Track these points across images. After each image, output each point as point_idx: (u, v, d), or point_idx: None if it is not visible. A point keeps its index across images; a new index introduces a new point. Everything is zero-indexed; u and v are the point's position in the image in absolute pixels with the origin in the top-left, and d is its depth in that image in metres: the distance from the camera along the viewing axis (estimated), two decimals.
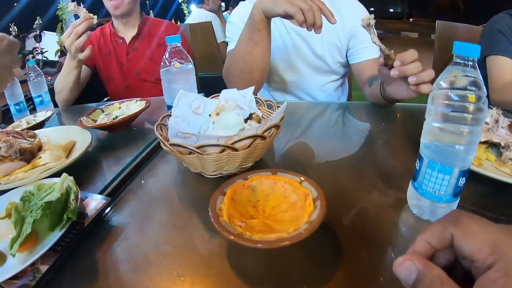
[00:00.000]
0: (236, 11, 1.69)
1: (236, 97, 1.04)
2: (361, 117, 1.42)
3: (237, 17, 1.65)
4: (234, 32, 1.61)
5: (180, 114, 0.99)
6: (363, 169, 0.95)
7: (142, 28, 2.08)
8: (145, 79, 2.11)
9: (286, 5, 1.15)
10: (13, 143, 1.08)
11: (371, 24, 1.01)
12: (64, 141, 1.19)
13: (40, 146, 1.17)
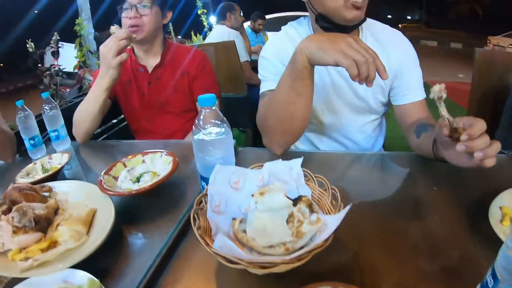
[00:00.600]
0: (270, 45, 1.54)
1: (282, 169, 0.92)
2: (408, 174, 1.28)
3: (271, 53, 1.49)
4: (269, 70, 1.47)
5: (217, 191, 0.86)
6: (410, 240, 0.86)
7: (165, 56, 1.95)
8: (168, 110, 1.98)
9: (339, 56, 1.01)
10: (26, 211, 0.96)
11: (442, 96, 0.89)
12: (83, 201, 1.08)
13: (56, 209, 1.06)
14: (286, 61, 1.40)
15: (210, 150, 0.94)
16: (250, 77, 4.01)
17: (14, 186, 1.12)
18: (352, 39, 1.03)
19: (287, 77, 1.21)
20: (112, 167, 1.22)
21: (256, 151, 1.48)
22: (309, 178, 0.95)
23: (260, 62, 1.54)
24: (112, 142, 1.80)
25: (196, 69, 1.95)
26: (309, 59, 1.11)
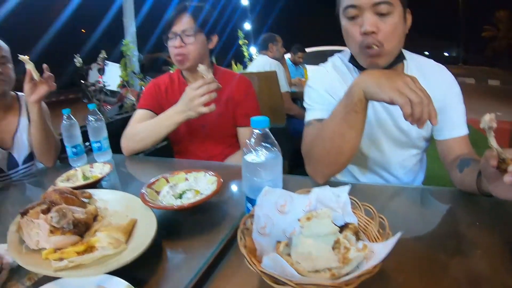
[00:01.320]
0: (316, 75, 1.53)
1: (329, 196, 0.89)
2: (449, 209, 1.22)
3: (318, 83, 1.48)
4: (315, 100, 1.46)
5: (264, 213, 0.84)
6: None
7: None
8: (210, 134, 1.98)
9: (394, 93, 1.01)
10: (66, 213, 0.96)
11: (492, 126, 0.86)
12: (123, 211, 1.08)
13: (95, 215, 1.05)
14: (332, 92, 1.41)
15: (259, 171, 0.93)
16: (289, 108, 4.02)
17: (55, 188, 1.13)
18: (410, 78, 1.03)
19: (340, 109, 1.20)
20: (155, 182, 1.21)
21: (297, 179, 1.44)
22: (356, 206, 0.92)
23: (306, 91, 1.53)
24: (152, 159, 1.80)
25: (240, 95, 1.96)
26: (365, 93, 1.10)
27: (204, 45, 1.91)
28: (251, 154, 0.94)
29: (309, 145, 1.35)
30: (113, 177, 1.54)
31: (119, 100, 3.99)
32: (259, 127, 0.93)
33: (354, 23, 1.24)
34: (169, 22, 1.86)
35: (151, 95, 1.97)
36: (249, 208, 0.97)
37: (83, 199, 1.13)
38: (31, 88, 1.69)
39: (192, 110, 1.59)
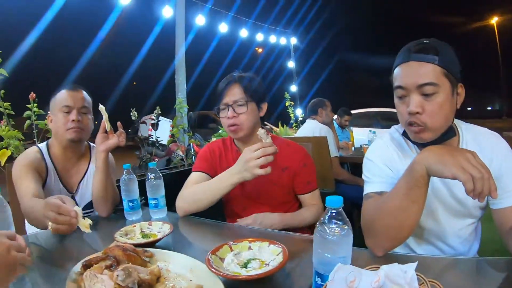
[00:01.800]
0: (375, 148, 1.54)
1: (397, 272, 0.87)
2: (506, 280, 1.14)
3: (377, 155, 1.49)
4: (374, 173, 1.46)
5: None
6: None
7: None
8: (264, 202, 1.93)
9: (457, 170, 1.04)
10: (132, 272, 0.97)
11: None
12: (186, 275, 1.09)
13: (158, 276, 1.06)
14: (390, 165, 1.42)
15: (332, 248, 0.93)
16: (338, 173, 3.99)
17: (118, 244, 1.15)
18: (470, 153, 1.07)
19: (402, 185, 1.21)
20: (219, 248, 1.21)
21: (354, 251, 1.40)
22: (422, 282, 0.90)
23: (365, 163, 1.54)
24: (207, 221, 1.78)
25: (298, 165, 1.93)
26: (428, 170, 1.13)
27: (256, 113, 1.92)
28: (325, 231, 0.94)
29: (370, 219, 1.34)
30: (168, 237, 1.53)
31: (168, 154, 4.08)
32: (334, 206, 0.94)
33: (402, 102, 1.32)
34: (220, 94, 1.90)
35: (206, 159, 1.99)
36: (317, 282, 0.97)
37: (144, 258, 1.14)
38: (102, 138, 1.85)
39: (248, 171, 1.58)
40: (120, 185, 1.80)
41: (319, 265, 0.96)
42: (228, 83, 1.89)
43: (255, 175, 1.58)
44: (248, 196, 1.94)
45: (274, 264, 1.12)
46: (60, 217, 1.33)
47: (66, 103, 1.92)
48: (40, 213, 1.42)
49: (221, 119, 1.91)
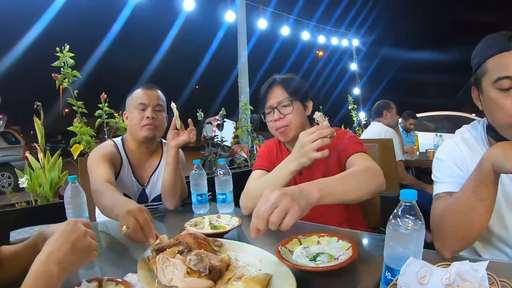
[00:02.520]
0: (446, 148, 1.47)
1: (467, 270, 0.85)
2: None
3: (447, 155, 1.43)
4: (444, 173, 1.40)
5: (406, 282, 0.83)
6: None
7: None
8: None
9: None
10: (203, 258, 0.99)
11: None
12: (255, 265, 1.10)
13: (228, 264, 1.07)
14: (461, 164, 1.36)
15: (404, 242, 0.92)
16: (403, 177, 3.89)
17: (190, 232, 1.18)
18: None
19: (470, 182, 1.16)
20: (288, 241, 1.22)
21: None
22: (493, 282, 0.87)
23: (435, 164, 1.48)
24: None
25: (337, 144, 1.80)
26: (493, 166, 1.07)
27: (302, 112, 1.88)
28: (398, 225, 0.93)
29: (438, 219, 1.29)
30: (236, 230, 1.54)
31: (230, 155, 4.15)
32: (408, 199, 0.92)
33: (507, 94, 1.19)
34: (263, 97, 1.89)
35: (266, 157, 1.99)
36: (386, 277, 0.95)
37: (214, 247, 1.16)
38: (173, 134, 1.91)
39: (305, 156, 1.52)
40: (190, 179, 1.85)
41: (390, 259, 0.95)
42: (270, 85, 1.88)
43: (312, 159, 1.52)
44: None
45: (343, 258, 1.12)
46: (138, 235, 1.25)
47: (142, 100, 2.01)
48: (118, 210, 1.40)
49: (268, 124, 1.89)
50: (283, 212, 1.03)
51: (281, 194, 1.06)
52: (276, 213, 1.02)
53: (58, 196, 2.86)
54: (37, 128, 2.91)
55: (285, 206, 1.04)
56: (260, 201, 1.07)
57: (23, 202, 2.73)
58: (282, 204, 1.04)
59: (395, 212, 0.94)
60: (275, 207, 1.03)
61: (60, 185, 2.87)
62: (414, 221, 0.91)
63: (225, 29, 6.54)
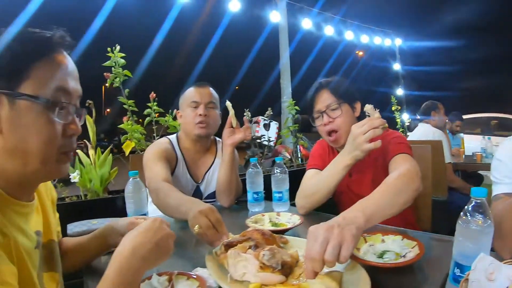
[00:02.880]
0: (505, 148, 1.45)
1: None
2: None
3: (507, 156, 1.40)
4: (505, 174, 1.37)
5: (476, 278, 0.83)
6: None
7: None
8: None
9: None
10: (276, 254, 1.01)
11: None
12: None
13: (297, 260, 1.08)
14: None
15: (474, 238, 0.93)
16: (452, 180, 3.78)
17: (257, 228, 1.19)
18: None
19: None
20: None
21: None
22: None
23: (494, 164, 1.45)
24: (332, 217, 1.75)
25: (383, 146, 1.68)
26: None
27: (351, 114, 1.86)
28: (470, 222, 0.94)
29: (498, 220, 1.25)
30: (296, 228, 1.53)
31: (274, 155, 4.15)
32: (479, 196, 0.94)
33: None
34: (310, 102, 1.89)
35: (319, 156, 1.98)
36: (455, 273, 0.96)
37: (280, 244, 1.17)
38: (229, 132, 1.95)
39: (358, 148, 1.51)
40: (246, 177, 1.87)
41: (460, 256, 0.96)
42: (316, 90, 1.88)
43: (365, 151, 1.51)
44: (350, 197, 1.87)
45: (410, 256, 1.12)
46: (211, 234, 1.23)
47: (194, 98, 2.04)
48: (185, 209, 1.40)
49: (318, 128, 1.89)
50: (337, 247, 0.93)
51: (328, 228, 0.97)
52: (330, 250, 0.92)
53: (107, 191, 2.93)
54: (89, 126, 2.98)
55: (337, 239, 0.94)
56: (307, 241, 0.97)
57: (73, 196, 2.81)
58: (333, 239, 0.94)
59: (466, 208, 0.95)
60: (326, 244, 0.93)
61: (110, 181, 2.94)
62: (484, 218, 0.92)
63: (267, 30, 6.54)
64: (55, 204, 1.16)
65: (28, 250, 0.85)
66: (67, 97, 0.88)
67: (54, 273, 1.03)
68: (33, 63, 0.82)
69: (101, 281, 0.82)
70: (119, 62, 3.10)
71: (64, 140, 0.88)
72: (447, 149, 3.80)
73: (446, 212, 3.18)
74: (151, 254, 0.90)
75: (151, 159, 1.93)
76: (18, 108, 0.80)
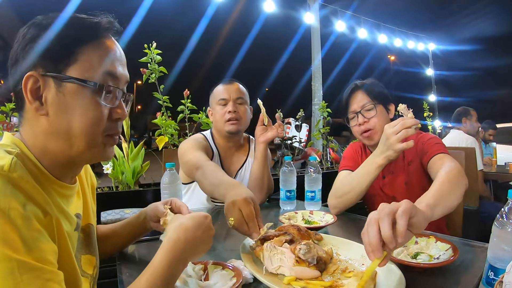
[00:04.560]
0: None
1: None
2: None
3: None
4: None
5: (509, 281, 0.81)
6: None
7: None
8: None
9: None
10: (312, 249, 1.03)
11: None
12: (357, 259, 1.12)
13: (331, 257, 1.10)
14: None
15: (510, 241, 0.91)
16: (483, 189, 3.71)
17: (293, 224, 1.21)
18: None
19: None
20: None
21: None
22: None
23: None
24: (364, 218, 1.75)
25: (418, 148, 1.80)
26: None
27: (386, 115, 1.88)
28: (507, 224, 0.91)
29: None
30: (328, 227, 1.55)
31: (303, 157, 4.15)
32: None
33: None
34: (346, 103, 1.92)
35: (352, 157, 2.00)
36: (489, 276, 0.95)
37: (314, 241, 1.18)
38: (261, 130, 1.96)
39: (390, 148, 1.52)
40: (280, 175, 1.89)
41: (494, 259, 0.95)
42: (351, 91, 1.91)
43: (398, 151, 1.52)
44: (383, 199, 1.88)
45: (444, 258, 1.12)
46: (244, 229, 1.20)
47: (222, 96, 2.07)
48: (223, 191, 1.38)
49: (352, 128, 1.91)
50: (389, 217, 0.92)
51: (378, 210, 0.98)
52: (384, 225, 0.91)
53: (138, 184, 2.98)
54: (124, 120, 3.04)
55: (387, 210, 0.94)
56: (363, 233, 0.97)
57: (105, 187, 2.87)
58: (383, 214, 0.94)
59: (502, 210, 0.93)
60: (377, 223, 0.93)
61: (141, 174, 2.99)
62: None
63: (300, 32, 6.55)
64: (95, 191, 1.20)
65: (68, 231, 0.88)
66: (115, 81, 0.91)
67: (92, 256, 1.06)
68: (81, 47, 0.85)
69: (150, 267, 0.84)
70: (155, 59, 3.16)
71: (110, 124, 0.90)
72: (479, 157, 3.73)
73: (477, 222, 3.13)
74: (198, 248, 0.95)
75: (189, 148, 1.94)
76: (65, 91, 0.83)
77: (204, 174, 1.67)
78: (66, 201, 0.91)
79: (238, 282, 0.95)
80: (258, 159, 1.95)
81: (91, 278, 1.02)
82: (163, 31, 18.86)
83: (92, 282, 1.03)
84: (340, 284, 0.96)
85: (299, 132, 4.08)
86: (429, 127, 6.92)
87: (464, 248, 1.30)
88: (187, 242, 0.91)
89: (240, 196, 1.23)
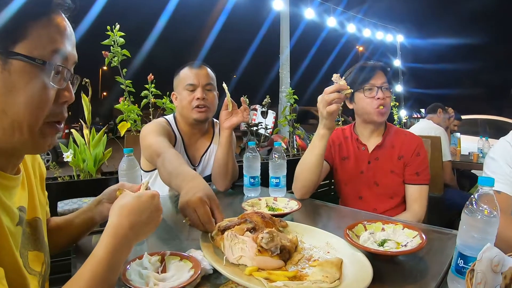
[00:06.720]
0: (499, 147, 1.57)
1: None
2: None
3: (499, 154, 1.54)
4: (494, 171, 1.52)
5: (481, 269, 0.81)
6: None
7: (386, 137, 1.95)
8: (381, 192, 1.93)
9: None
10: (275, 237, 0.97)
11: None
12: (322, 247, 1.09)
13: (296, 246, 1.04)
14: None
15: (480, 228, 0.91)
16: (451, 178, 3.78)
17: (257, 211, 1.15)
18: None
19: None
20: (354, 226, 1.20)
21: None
22: None
23: (486, 162, 1.59)
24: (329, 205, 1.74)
25: (411, 154, 1.91)
26: None
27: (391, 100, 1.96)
28: (476, 212, 0.92)
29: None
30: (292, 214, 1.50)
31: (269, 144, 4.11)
32: (486, 185, 0.92)
33: None
34: (365, 76, 1.91)
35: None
36: (459, 264, 0.95)
37: (280, 228, 1.13)
38: (226, 115, 1.87)
39: (323, 116, 1.62)
40: (244, 161, 1.83)
41: (464, 246, 0.95)
42: (374, 68, 1.93)
43: (329, 113, 1.58)
44: (364, 184, 1.95)
45: (411, 245, 1.11)
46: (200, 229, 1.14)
47: (191, 81, 1.94)
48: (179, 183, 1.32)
49: (365, 99, 1.90)
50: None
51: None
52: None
53: (100, 172, 2.88)
54: (85, 105, 2.90)
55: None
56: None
57: (66, 176, 2.75)
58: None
59: (472, 197, 0.94)
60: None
61: (104, 161, 2.88)
62: (490, 208, 0.91)
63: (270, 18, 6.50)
64: (44, 181, 1.10)
65: (9, 226, 0.80)
66: (64, 61, 0.82)
67: (39, 252, 0.96)
68: (30, 23, 0.75)
69: (93, 255, 0.80)
70: (118, 41, 3.02)
71: (55, 108, 0.82)
72: (447, 148, 3.81)
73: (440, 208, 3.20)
74: (143, 230, 0.91)
75: (150, 132, 1.84)
76: (10, 69, 0.74)
77: (163, 162, 1.58)
78: (7, 193, 0.82)
79: (196, 273, 0.89)
80: (222, 145, 1.87)
81: (39, 276, 0.93)
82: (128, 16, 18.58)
83: (41, 280, 0.94)
84: (304, 274, 0.91)
85: (265, 119, 4.02)
86: (395, 117, 7.01)
87: (432, 235, 1.29)
88: (131, 227, 0.86)
89: (194, 196, 1.15)
